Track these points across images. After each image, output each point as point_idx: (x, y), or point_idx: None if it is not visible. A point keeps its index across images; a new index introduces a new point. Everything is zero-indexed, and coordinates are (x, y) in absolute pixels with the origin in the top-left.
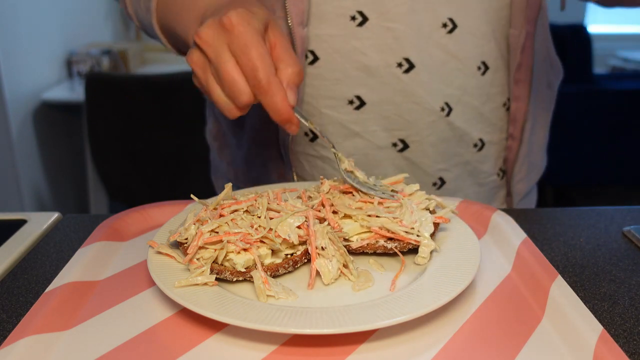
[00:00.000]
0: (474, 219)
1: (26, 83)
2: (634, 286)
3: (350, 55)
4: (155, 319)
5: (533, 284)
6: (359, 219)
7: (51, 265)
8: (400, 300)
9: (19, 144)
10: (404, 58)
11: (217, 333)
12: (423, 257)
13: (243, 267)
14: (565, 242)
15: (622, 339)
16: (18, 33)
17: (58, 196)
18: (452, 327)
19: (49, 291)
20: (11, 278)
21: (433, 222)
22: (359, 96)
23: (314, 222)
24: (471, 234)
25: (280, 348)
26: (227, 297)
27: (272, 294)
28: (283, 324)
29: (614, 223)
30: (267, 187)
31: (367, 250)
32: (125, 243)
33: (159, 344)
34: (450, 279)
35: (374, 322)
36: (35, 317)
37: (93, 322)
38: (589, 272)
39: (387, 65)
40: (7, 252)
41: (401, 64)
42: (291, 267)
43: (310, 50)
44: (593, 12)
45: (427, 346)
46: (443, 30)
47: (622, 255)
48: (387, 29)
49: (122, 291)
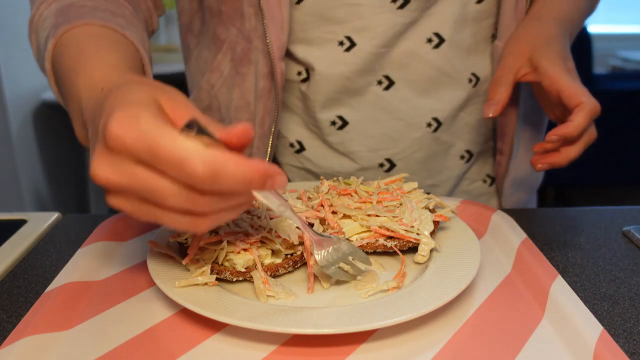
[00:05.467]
0: (474, 219)
1: (26, 83)
2: (634, 286)
3: (335, 80)
4: (155, 319)
5: (533, 284)
6: (358, 218)
7: (51, 265)
8: (400, 300)
9: (19, 144)
10: (384, 75)
11: (217, 333)
12: (423, 256)
13: (243, 267)
14: (565, 242)
15: (622, 339)
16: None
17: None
18: (452, 327)
19: (49, 291)
20: (11, 278)
21: (433, 220)
22: (340, 116)
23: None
24: (471, 234)
25: (280, 348)
26: (227, 297)
27: (272, 294)
28: (283, 324)
29: (614, 223)
30: None
31: (367, 250)
32: (125, 243)
33: (159, 344)
34: (450, 279)
35: (374, 322)
36: (35, 317)
37: (93, 322)
38: (589, 272)
39: (367, 84)
40: (7, 252)
41: (381, 81)
42: (291, 267)
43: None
44: (593, 12)
45: (427, 346)
46: (428, 46)
47: (622, 255)
48: (374, 54)
49: (122, 291)
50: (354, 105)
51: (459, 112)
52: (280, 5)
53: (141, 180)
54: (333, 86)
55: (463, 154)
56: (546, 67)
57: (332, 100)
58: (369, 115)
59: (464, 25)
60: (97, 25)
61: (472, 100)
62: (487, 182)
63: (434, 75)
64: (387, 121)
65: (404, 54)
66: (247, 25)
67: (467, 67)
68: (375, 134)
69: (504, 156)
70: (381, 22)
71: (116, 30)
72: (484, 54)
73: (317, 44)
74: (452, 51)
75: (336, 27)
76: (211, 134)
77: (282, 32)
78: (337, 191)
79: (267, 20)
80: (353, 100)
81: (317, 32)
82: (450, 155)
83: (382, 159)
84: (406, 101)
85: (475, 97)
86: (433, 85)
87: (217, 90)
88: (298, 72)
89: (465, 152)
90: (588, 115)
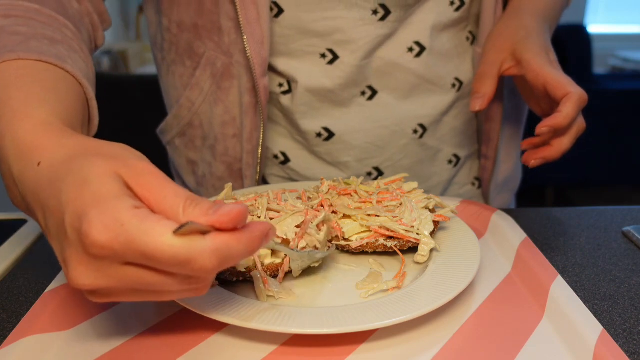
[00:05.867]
0: (474, 219)
1: None
2: (634, 286)
3: (318, 92)
4: (156, 319)
5: (533, 284)
6: (358, 218)
7: (51, 265)
8: (401, 300)
9: None
10: (367, 86)
11: (217, 333)
12: (423, 255)
13: (243, 267)
14: (565, 242)
15: (622, 339)
16: None
17: None
18: (452, 327)
19: (49, 291)
20: (11, 278)
21: (433, 220)
22: (326, 128)
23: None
24: (471, 234)
25: (280, 348)
26: (227, 297)
27: (272, 294)
28: (283, 324)
29: (614, 223)
30: (267, 187)
31: (367, 250)
32: None
33: (159, 344)
34: (450, 279)
35: (374, 322)
36: (35, 317)
37: (93, 322)
38: (589, 272)
39: (351, 96)
40: (7, 252)
41: (364, 92)
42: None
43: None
44: (593, 12)
45: (427, 346)
46: (410, 55)
47: (622, 255)
48: (357, 67)
49: None
50: (339, 116)
51: (444, 116)
52: (260, 21)
53: (135, 279)
54: (316, 98)
55: (451, 158)
56: (529, 60)
57: (315, 111)
58: (355, 126)
59: (441, 31)
60: (31, 61)
61: (456, 104)
62: (476, 185)
63: (417, 83)
64: (372, 130)
65: (385, 64)
66: (227, 40)
67: (449, 72)
68: (362, 144)
69: (489, 160)
70: (362, 34)
71: (55, 64)
72: (465, 58)
73: (298, 57)
74: (434, 58)
75: (317, 40)
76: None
77: (263, 47)
78: (337, 191)
79: (247, 36)
80: (338, 111)
81: (298, 45)
82: (438, 160)
83: (370, 167)
84: (390, 109)
85: (460, 101)
86: (416, 92)
87: (198, 107)
88: (279, 84)
89: (452, 156)
90: (576, 104)
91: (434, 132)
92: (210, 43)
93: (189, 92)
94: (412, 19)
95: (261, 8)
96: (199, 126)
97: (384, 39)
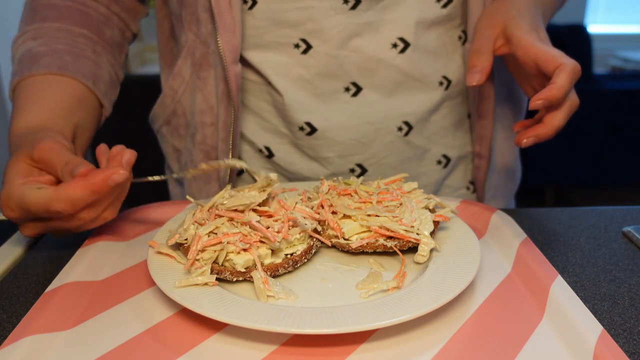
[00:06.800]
0: (474, 219)
1: None
2: (634, 286)
3: (296, 83)
4: (156, 319)
5: (533, 284)
6: (358, 218)
7: (51, 266)
8: (400, 300)
9: None
10: (351, 82)
11: (217, 333)
12: (423, 255)
13: (243, 267)
14: (565, 242)
15: (622, 339)
16: None
17: None
18: (452, 327)
19: (49, 291)
20: (11, 278)
21: (433, 220)
22: (309, 123)
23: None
24: (471, 234)
25: (280, 348)
26: (227, 297)
27: (272, 294)
28: (283, 324)
29: (614, 223)
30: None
31: (367, 250)
32: (125, 243)
33: (159, 344)
34: (450, 279)
35: (374, 322)
36: (35, 317)
37: (93, 322)
38: (589, 272)
39: (334, 90)
40: (7, 252)
41: (348, 88)
42: (291, 267)
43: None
44: (593, 12)
45: (427, 346)
46: (394, 51)
47: (622, 255)
48: (332, 57)
49: (122, 291)
50: (323, 112)
51: (431, 115)
52: (231, 9)
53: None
54: (296, 89)
55: (440, 159)
56: (519, 37)
57: (298, 104)
58: (339, 122)
59: (428, 28)
60: (39, 76)
61: (445, 104)
62: (470, 189)
63: (401, 80)
64: (357, 127)
65: (369, 60)
66: (204, 30)
67: (436, 70)
68: (346, 140)
69: (483, 159)
70: (334, 24)
71: (56, 73)
72: (454, 56)
73: (272, 49)
74: (419, 55)
75: (290, 30)
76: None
77: (234, 35)
78: (337, 191)
79: (218, 24)
80: (322, 107)
81: (271, 36)
82: (425, 160)
83: (353, 164)
84: (375, 105)
85: (449, 100)
86: (401, 89)
87: (181, 95)
88: (261, 75)
89: (442, 157)
90: (570, 75)
91: (420, 130)
92: (191, 34)
93: (172, 81)
94: (395, 14)
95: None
96: (182, 115)
97: (358, 29)
